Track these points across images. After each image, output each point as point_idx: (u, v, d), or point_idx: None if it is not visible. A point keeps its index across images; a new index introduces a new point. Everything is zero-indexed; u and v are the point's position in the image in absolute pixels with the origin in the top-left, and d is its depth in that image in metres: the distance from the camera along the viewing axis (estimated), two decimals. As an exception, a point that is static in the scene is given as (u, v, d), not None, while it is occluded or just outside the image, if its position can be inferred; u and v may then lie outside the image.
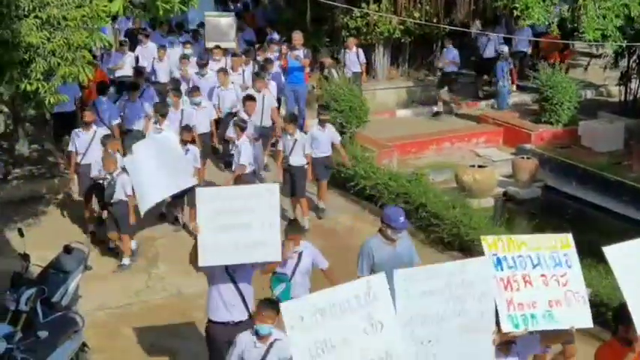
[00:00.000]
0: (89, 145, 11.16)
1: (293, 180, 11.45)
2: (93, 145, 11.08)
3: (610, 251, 5.73)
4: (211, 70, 14.28)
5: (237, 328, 6.73)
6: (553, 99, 16.09)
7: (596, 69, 19.66)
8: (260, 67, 14.44)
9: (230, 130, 12.01)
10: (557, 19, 15.75)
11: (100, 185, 10.50)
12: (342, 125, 14.04)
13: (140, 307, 9.55)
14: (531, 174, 14.36)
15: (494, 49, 18.15)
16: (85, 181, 11.09)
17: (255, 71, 13.93)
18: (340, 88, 14.69)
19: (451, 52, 17.34)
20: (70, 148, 11.38)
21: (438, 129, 16.58)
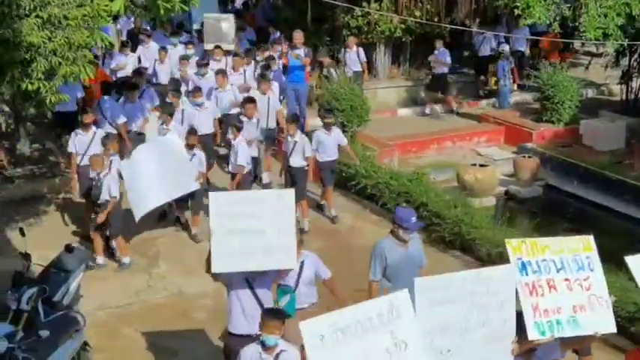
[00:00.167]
0: (89, 147, 11.15)
1: (293, 181, 11.42)
2: (92, 146, 11.07)
3: (632, 261, 5.73)
4: (211, 70, 14.26)
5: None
6: (554, 98, 16.09)
7: (598, 68, 19.66)
8: (263, 66, 14.39)
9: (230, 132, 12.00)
10: (558, 17, 15.73)
11: (99, 186, 10.50)
12: (344, 124, 14.03)
13: (141, 306, 9.54)
14: (533, 173, 14.35)
15: (489, 47, 18.12)
16: (85, 182, 11.08)
17: (260, 73, 13.80)
18: (341, 87, 14.69)
19: (442, 53, 17.23)
20: (70, 148, 11.39)
21: (439, 128, 16.57)
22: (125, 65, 15.56)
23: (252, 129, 12.10)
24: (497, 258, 10.24)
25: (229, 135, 11.64)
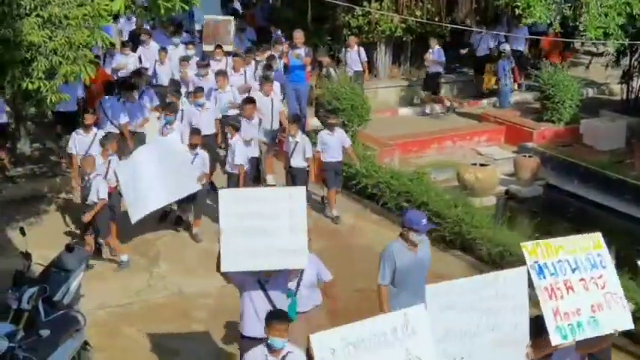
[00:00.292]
0: (89, 148, 11.15)
1: (294, 182, 11.40)
2: (93, 148, 11.07)
3: None
4: (212, 71, 14.24)
5: None
6: (555, 97, 16.08)
7: (598, 67, 19.63)
8: (265, 66, 14.34)
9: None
10: (558, 17, 15.72)
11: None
12: (344, 124, 14.00)
13: (141, 306, 9.53)
14: (533, 172, 14.35)
15: (487, 47, 18.10)
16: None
17: (263, 74, 13.74)
18: (342, 86, 14.69)
19: (437, 53, 17.14)
20: (71, 149, 11.38)
21: (439, 128, 16.57)
22: (126, 65, 15.53)
23: (252, 129, 12.09)
24: (497, 257, 10.27)
25: (227, 135, 11.65)
